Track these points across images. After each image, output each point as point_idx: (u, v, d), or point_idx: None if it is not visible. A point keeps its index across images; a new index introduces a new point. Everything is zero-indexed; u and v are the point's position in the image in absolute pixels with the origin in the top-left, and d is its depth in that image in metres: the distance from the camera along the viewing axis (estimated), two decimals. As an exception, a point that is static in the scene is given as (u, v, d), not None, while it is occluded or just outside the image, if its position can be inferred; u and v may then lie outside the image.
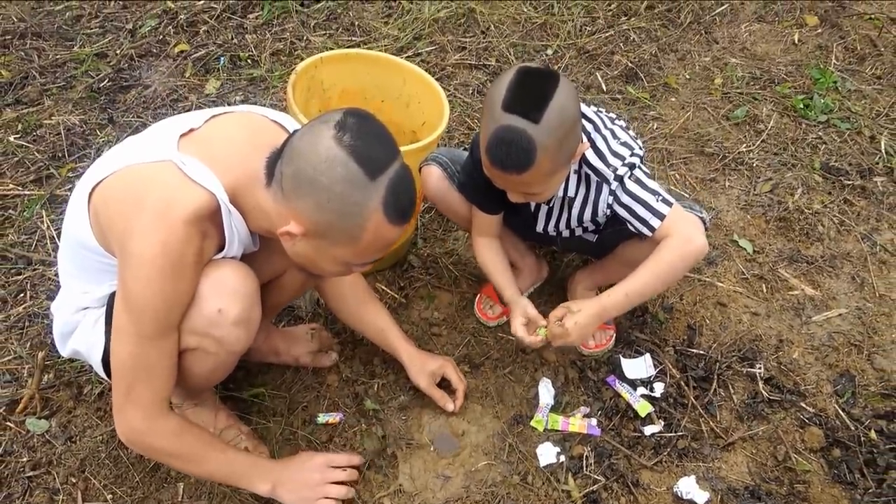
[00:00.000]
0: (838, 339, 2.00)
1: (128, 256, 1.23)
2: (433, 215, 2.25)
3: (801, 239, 2.24)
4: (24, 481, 1.57)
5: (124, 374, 1.30)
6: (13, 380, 1.74)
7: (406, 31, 2.87)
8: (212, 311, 1.30)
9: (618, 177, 1.57)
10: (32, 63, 2.65)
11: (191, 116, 1.36)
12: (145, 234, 1.20)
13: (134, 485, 1.58)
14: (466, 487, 1.64)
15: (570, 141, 1.45)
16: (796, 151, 2.50)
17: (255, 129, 1.36)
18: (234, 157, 1.29)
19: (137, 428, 1.33)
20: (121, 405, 1.32)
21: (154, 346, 1.28)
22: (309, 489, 1.50)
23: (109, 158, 1.32)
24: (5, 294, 1.91)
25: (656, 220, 1.58)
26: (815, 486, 1.69)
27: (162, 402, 1.34)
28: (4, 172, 2.26)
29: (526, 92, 1.39)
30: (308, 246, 1.28)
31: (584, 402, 1.81)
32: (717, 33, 3.02)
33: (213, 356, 1.37)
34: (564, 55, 2.84)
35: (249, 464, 1.48)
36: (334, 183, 1.19)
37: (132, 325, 1.26)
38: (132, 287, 1.23)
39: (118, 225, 1.24)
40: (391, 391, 1.80)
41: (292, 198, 1.23)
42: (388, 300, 2.00)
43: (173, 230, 1.21)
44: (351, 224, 1.23)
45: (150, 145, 1.30)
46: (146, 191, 1.23)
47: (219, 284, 1.31)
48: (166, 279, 1.23)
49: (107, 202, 1.27)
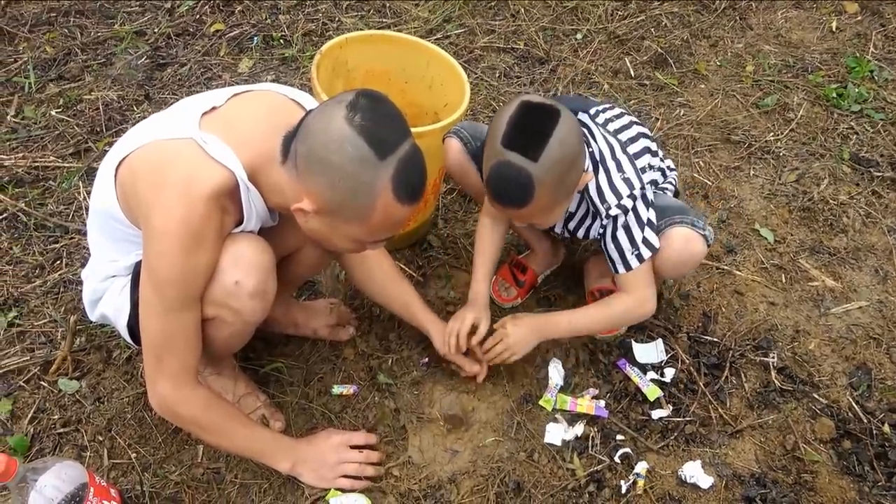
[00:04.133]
0: (857, 331, 1.98)
1: (151, 230, 1.28)
2: (455, 196, 2.28)
3: (825, 230, 2.21)
4: (54, 437, 1.66)
5: (153, 345, 1.36)
6: (48, 342, 1.84)
7: (436, 13, 2.89)
8: (230, 283, 1.35)
9: (609, 216, 1.59)
10: (75, 40, 2.75)
11: (213, 94, 1.41)
12: (167, 209, 1.25)
13: (157, 445, 1.66)
14: (473, 462, 1.68)
15: (570, 176, 1.46)
16: (825, 141, 2.47)
17: (275, 108, 1.40)
18: (254, 135, 1.33)
19: (168, 397, 1.39)
20: (152, 375, 1.39)
21: (178, 317, 1.34)
22: (328, 468, 1.56)
23: (136, 133, 1.37)
24: (43, 261, 2.01)
25: (622, 269, 1.67)
26: (822, 477, 1.69)
27: (190, 371, 1.40)
28: (46, 145, 2.36)
29: (526, 128, 1.39)
30: (321, 223, 1.33)
31: (593, 384, 1.84)
32: (753, 19, 2.97)
33: (230, 325, 1.43)
34: (594, 39, 2.83)
35: (272, 441, 1.54)
36: (345, 162, 1.23)
37: (157, 297, 1.32)
38: (155, 261, 1.29)
39: (143, 198, 1.29)
40: (404, 366, 1.85)
41: (305, 176, 1.27)
42: (407, 278, 2.04)
43: (194, 206, 1.26)
44: (361, 203, 1.27)
45: (174, 122, 1.35)
46: (169, 167, 1.28)
47: (236, 258, 1.36)
48: (187, 253, 1.28)
49: (133, 175, 1.32)
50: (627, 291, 1.70)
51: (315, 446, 1.59)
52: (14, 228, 2.10)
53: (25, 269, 1.99)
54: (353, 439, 1.63)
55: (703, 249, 1.68)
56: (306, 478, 1.56)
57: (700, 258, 1.70)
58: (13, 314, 1.88)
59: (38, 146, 2.35)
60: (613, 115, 1.68)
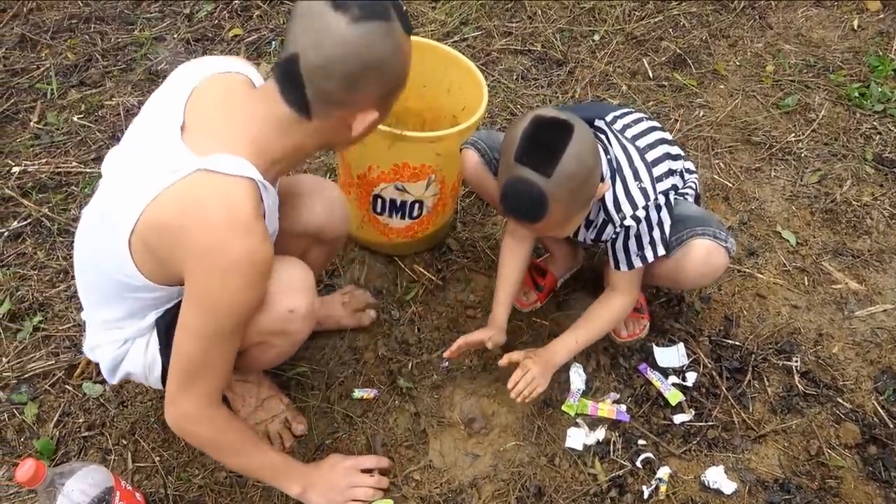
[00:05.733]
0: (882, 335, 1.96)
1: (212, 269, 1.21)
2: (473, 200, 2.28)
3: (848, 232, 2.19)
4: (79, 441, 1.68)
5: (187, 365, 1.31)
6: (72, 346, 1.86)
7: (453, 15, 2.89)
8: (284, 311, 1.34)
9: (623, 226, 1.58)
10: (96, 46, 2.78)
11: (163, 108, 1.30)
12: (227, 245, 1.19)
13: (180, 449, 1.68)
14: (494, 466, 1.68)
15: (585, 189, 1.44)
16: (848, 142, 2.44)
17: (241, 94, 1.30)
18: (244, 132, 1.25)
19: (191, 415, 1.35)
20: (177, 393, 1.34)
21: (224, 344, 1.30)
22: (337, 492, 1.55)
23: (127, 195, 1.25)
24: (66, 266, 2.03)
25: (624, 267, 1.66)
26: (847, 483, 1.67)
27: (217, 393, 1.37)
28: (69, 151, 2.38)
29: (539, 144, 1.38)
30: (374, 115, 1.28)
31: (614, 388, 1.83)
32: (772, 18, 2.95)
33: (278, 348, 1.44)
34: (611, 41, 2.82)
35: (284, 465, 1.52)
36: (376, 52, 1.18)
37: (203, 323, 1.26)
38: (218, 293, 1.23)
39: (184, 250, 1.21)
40: (424, 370, 1.85)
41: (350, 99, 1.22)
42: (426, 282, 2.05)
43: (249, 231, 1.20)
44: (397, 63, 1.23)
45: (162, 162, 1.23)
46: (202, 209, 1.19)
47: (286, 285, 1.34)
48: (255, 284, 1.25)
49: (161, 233, 1.22)
50: (621, 291, 1.71)
51: (325, 471, 1.58)
52: (38, 234, 2.12)
53: (49, 273, 2.02)
54: (362, 463, 1.62)
55: (724, 261, 1.66)
56: (315, 502, 1.54)
57: (721, 270, 1.68)
58: (38, 318, 1.90)
59: (60, 152, 2.37)
60: (632, 120, 1.67)
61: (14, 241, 2.10)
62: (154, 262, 1.27)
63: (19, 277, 2.00)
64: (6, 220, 2.15)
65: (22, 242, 2.10)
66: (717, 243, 1.63)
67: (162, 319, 1.40)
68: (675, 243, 1.65)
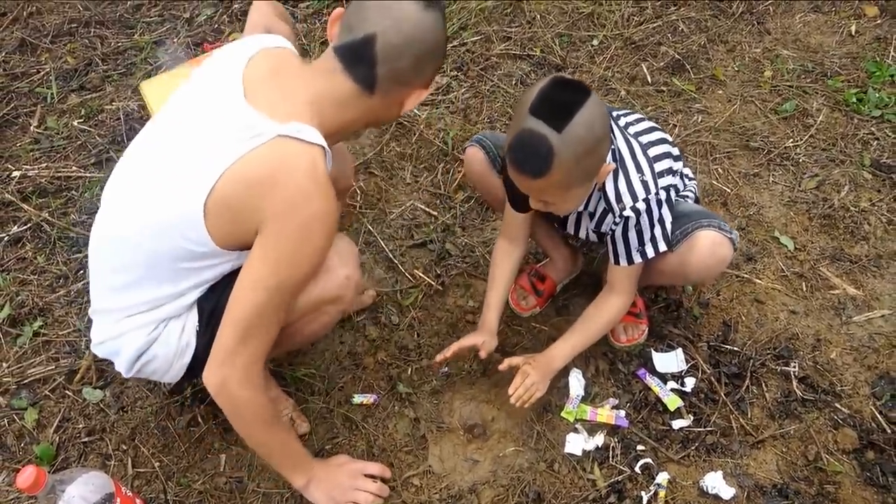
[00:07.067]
0: (879, 340, 1.96)
1: (293, 220, 1.27)
2: (472, 204, 2.29)
3: (846, 237, 2.20)
4: (79, 446, 1.69)
5: (244, 320, 1.31)
6: (72, 351, 1.86)
7: (452, 20, 2.90)
8: (341, 276, 1.46)
9: (622, 216, 1.58)
10: (96, 50, 2.78)
11: (218, 80, 1.35)
12: (311, 200, 1.27)
13: (180, 454, 1.68)
14: (494, 472, 1.68)
15: (590, 159, 1.44)
16: (846, 147, 2.45)
17: (295, 67, 1.39)
18: (307, 104, 1.32)
19: (238, 377, 1.34)
20: (231, 350, 1.32)
21: (283, 302, 1.33)
22: (339, 491, 1.56)
23: (200, 163, 1.29)
24: (66, 271, 2.04)
25: (624, 262, 1.67)
26: (845, 488, 1.68)
27: (262, 361, 1.37)
28: (69, 155, 2.39)
29: (555, 100, 1.40)
30: (423, 95, 1.41)
31: (613, 393, 1.83)
32: (770, 24, 2.95)
33: (327, 316, 1.53)
34: (610, 46, 2.83)
35: (298, 454, 1.53)
36: (439, 37, 1.36)
37: (274, 276, 1.29)
38: (293, 246, 1.29)
39: (268, 201, 1.26)
40: (424, 376, 1.86)
41: (417, 77, 1.36)
42: (425, 287, 2.05)
43: (329, 193, 1.29)
44: (446, 47, 1.42)
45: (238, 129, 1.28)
46: (289, 165, 1.26)
47: (339, 253, 1.45)
48: (325, 243, 1.34)
49: (246, 186, 1.26)
50: (618, 290, 1.71)
51: (331, 468, 1.59)
52: (38, 238, 2.13)
53: (49, 278, 2.02)
54: (368, 468, 1.63)
55: (730, 253, 1.68)
56: (316, 496, 1.54)
57: (727, 261, 1.70)
58: (38, 324, 1.91)
59: (60, 156, 2.38)
60: (634, 119, 1.68)
61: (14, 246, 2.11)
62: (229, 223, 1.30)
63: (19, 282, 2.01)
64: (6, 224, 2.16)
65: (22, 247, 2.10)
66: (721, 234, 1.65)
67: (205, 300, 1.42)
68: (679, 236, 1.66)
